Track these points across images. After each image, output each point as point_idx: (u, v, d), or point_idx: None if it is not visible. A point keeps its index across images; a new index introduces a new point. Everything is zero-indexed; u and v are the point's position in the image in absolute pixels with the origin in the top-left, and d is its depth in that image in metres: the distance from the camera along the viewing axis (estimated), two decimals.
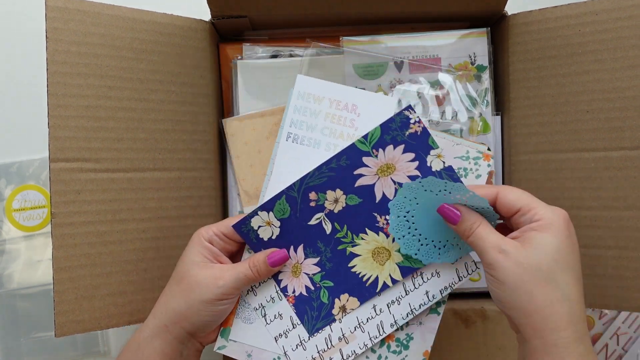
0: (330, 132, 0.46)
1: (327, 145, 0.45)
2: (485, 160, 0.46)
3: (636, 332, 0.65)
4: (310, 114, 0.46)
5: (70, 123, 0.45)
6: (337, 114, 0.46)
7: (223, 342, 0.45)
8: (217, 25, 0.54)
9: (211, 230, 0.43)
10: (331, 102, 0.46)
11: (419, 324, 0.44)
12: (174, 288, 0.43)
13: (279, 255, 0.43)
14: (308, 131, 0.46)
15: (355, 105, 0.46)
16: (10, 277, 0.64)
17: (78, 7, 0.45)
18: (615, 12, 0.47)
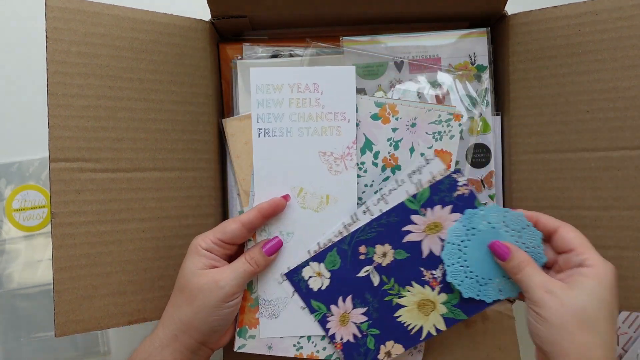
0: (299, 117, 0.46)
1: (299, 131, 0.46)
2: (456, 121, 0.48)
3: (636, 332, 0.65)
4: (274, 104, 0.46)
5: (70, 123, 0.45)
6: (300, 97, 0.46)
7: (242, 342, 0.46)
8: (217, 25, 0.54)
9: (208, 239, 0.43)
10: (291, 87, 0.46)
11: None
12: (179, 298, 0.43)
13: (273, 243, 0.44)
14: (277, 122, 0.46)
15: (316, 84, 0.46)
16: (10, 277, 0.64)
17: (78, 7, 0.45)
18: (615, 12, 0.47)
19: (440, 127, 0.47)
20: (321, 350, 0.47)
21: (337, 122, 0.46)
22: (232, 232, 0.43)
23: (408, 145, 0.47)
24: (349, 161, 0.46)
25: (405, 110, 0.47)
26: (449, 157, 0.47)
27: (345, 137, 0.46)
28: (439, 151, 0.47)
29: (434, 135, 0.47)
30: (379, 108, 0.47)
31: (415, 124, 0.47)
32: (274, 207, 0.44)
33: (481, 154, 0.55)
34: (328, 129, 0.46)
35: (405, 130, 0.47)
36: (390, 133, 0.47)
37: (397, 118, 0.47)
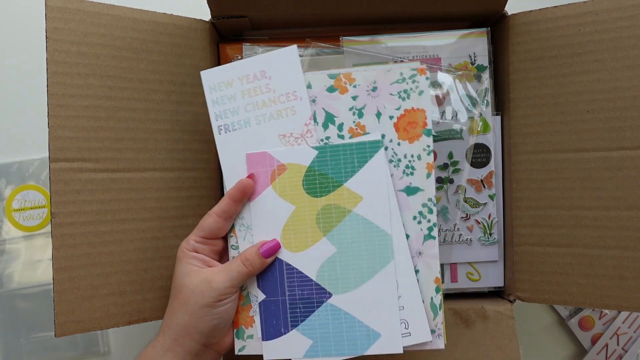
0: (253, 106, 0.46)
1: (257, 119, 0.46)
2: (422, 75, 0.45)
3: (636, 332, 0.65)
4: (228, 99, 0.46)
5: (70, 123, 0.45)
6: (251, 87, 0.46)
7: (241, 343, 0.45)
8: (217, 25, 0.54)
9: (191, 240, 0.44)
10: (240, 80, 0.46)
11: (418, 255, 0.45)
12: (173, 303, 0.43)
13: (271, 245, 0.44)
14: (234, 116, 0.46)
15: (263, 71, 0.46)
16: (10, 277, 0.64)
17: (78, 7, 0.45)
18: (615, 12, 0.47)
19: (405, 85, 0.45)
20: None
21: (290, 102, 0.46)
22: (210, 226, 0.44)
23: (373, 110, 0.45)
24: (310, 138, 0.45)
25: (362, 75, 0.46)
26: (423, 114, 0.45)
27: (300, 115, 0.46)
28: (410, 110, 0.45)
29: (399, 94, 0.45)
30: (333, 79, 0.46)
31: (376, 87, 0.45)
32: (241, 189, 0.44)
33: (481, 154, 0.55)
34: (283, 111, 0.46)
35: (367, 95, 0.46)
36: (351, 102, 0.46)
37: (355, 85, 0.46)
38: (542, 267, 0.51)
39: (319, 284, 0.45)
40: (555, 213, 0.51)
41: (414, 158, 0.45)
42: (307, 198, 0.45)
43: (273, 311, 0.45)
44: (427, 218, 0.45)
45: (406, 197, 0.45)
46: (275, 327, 0.45)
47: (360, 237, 0.44)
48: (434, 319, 0.44)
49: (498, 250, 0.56)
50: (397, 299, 0.44)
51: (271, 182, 0.45)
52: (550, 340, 0.67)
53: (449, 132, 0.55)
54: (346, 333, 0.44)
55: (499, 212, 0.56)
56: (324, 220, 0.45)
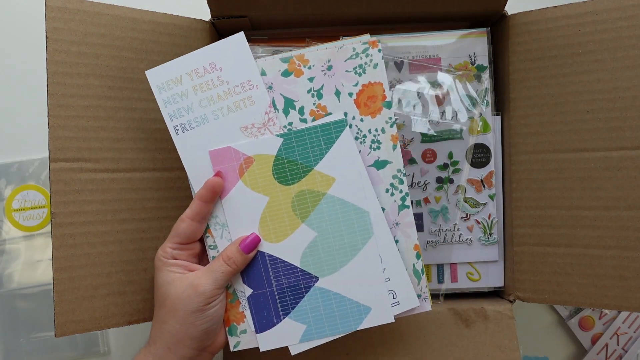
0: (208, 101, 0.44)
1: (214, 114, 0.44)
2: (374, 48, 0.45)
3: (636, 332, 0.65)
4: (180, 97, 0.44)
5: (70, 123, 0.45)
6: (202, 81, 0.44)
7: (235, 340, 0.45)
8: (217, 25, 0.54)
9: (167, 248, 0.43)
10: (190, 75, 0.44)
11: (396, 226, 0.45)
12: (160, 312, 0.42)
13: (250, 239, 0.44)
14: (189, 114, 0.44)
15: (213, 63, 0.44)
16: (10, 277, 0.64)
17: (78, 7, 0.45)
18: (615, 12, 0.47)
19: (359, 60, 0.45)
20: None
21: (246, 92, 0.44)
22: (184, 231, 0.43)
23: (332, 90, 0.45)
24: (272, 126, 0.45)
25: (314, 55, 0.45)
26: (380, 87, 0.45)
27: (259, 104, 0.44)
28: (367, 85, 0.45)
29: (355, 70, 0.45)
30: (286, 63, 0.45)
31: (332, 66, 0.45)
32: (210, 189, 0.43)
33: (481, 154, 0.55)
34: (240, 102, 0.44)
35: (323, 75, 0.45)
36: (308, 84, 0.45)
37: (310, 67, 0.45)
38: (542, 267, 0.51)
39: (304, 270, 0.45)
40: (555, 213, 0.51)
41: (378, 132, 0.45)
42: (279, 187, 0.45)
43: (262, 304, 0.45)
44: (398, 189, 0.45)
45: (376, 172, 0.45)
46: (267, 319, 0.45)
47: (338, 218, 0.45)
48: (418, 284, 0.45)
49: (498, 250, 0.56)
50: (382, 272, 0.44)
51: (240, 177, 0.45)
52: (550, 340, 0.67)
53: (449, 132, 0.55)
54: (338, 312, 0.45)
55: (499, 212, 0.56)
56: (299, 207, 0.45)
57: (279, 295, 0.45)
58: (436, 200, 0.55)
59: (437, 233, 0.56)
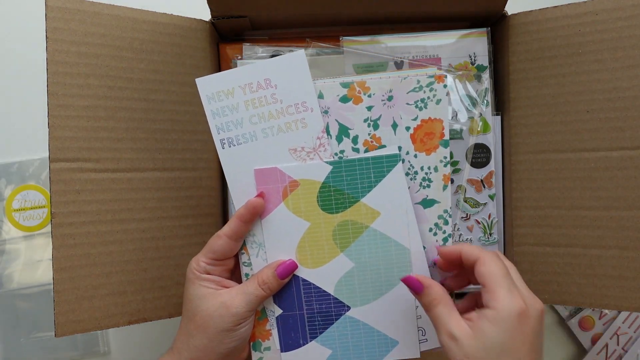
0: (259, 118, 0.43)
1: (263, 132, 0.43)
2: (440, 83, 0.43)
3: (636, 332, 0.65)
4: (230, 110, 0.43)
5: (70, 123, 0.45)
6: (255, 96, 0.43)
7: (258, 355, 0.45)
8: (217, 25, 0.54)
9: (202, 262, 0.42)
10: (243, 89, 0.43)
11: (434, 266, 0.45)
12: (190, 325, 0.42)
13: (286, 265, 0.43)
14: (237, 129, 0.43)
15: (268, 79, 0.43)
16: (10, 277, 0.64)
17: (78, 7, 0.45)
18: (615, 12, 0.47)
19: (422, 94, 0.43)
20: None
21: (300, 114, 0.43)
22: (221, 248, 0.42)
23: (389, 121, 0.43)
24: (323, 152, 0.43)
25: (376, 84, 0.43)
26: (440, 124, 0.44)
27: (312, 128, 0.43)
28: (427, 120, 0.44)
29: (416, 104, 0.43)
30: (346, 89, 0.43)
31: (392, 96, 0.43)
32: (251, 210, 0.42)
33: (481, 154, 0.55)
34: (292, 123, 0.43)
35: (382, 105, 0.43)
36: (365, 113, 0.43)
37: (370, 95, 0.43)
38: (542, 267, 0.51)
39: (337, 298, 0.45)
40: (555, 213, 0.51)
41: (430, 170, 0.44)
42: (322, 214, 0.44)
43: (291, 325, 0.45)
44: (442, 229, 0.44)
45: (422, 210, 0.44)
46: (294, 339, 0.45)
47: (378, 252, 0.44)
48: None
49: (498, 250, 0.56)
50: (415, 309, 0.44)
51: (283, 199, 0.43)
52: (550, 340, 0.67)
53: (449, 132, 0.54)
54: (365, 342, 0.44)
55: (499, 212, 0.56)
56: (340, 237, 0.44)
57: (308, 319, 0.45)
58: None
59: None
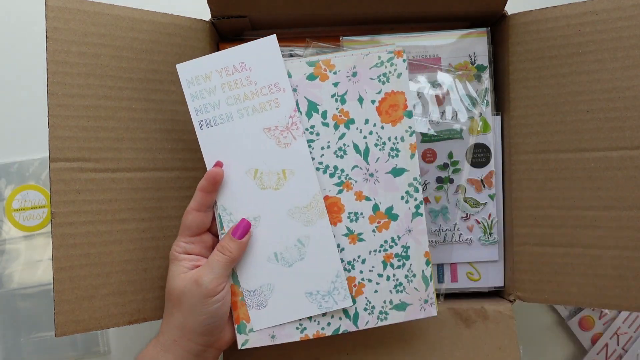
0: (235, 99, 0.45)
1: (239, 113, 0.45)
2: (399, 57, 0.45)
3: (636, 332, 0.65)
4: (207, 93, 0.45)
5: (70, 123, 0.45)
6: (230, 79, 0.45)
7: (244, 337, 0.45)
8: (217, 25, 0.54)
9: (180, 242, 0.44)
10: (219, 73, 0.45)
11: (408, 232, 0.46)
12: (168, 306, 0.43)
13: (241, 226, 0.44)
14: (215, 110, 0.45)
15: (243, 62, 0.45)
16: (10, 277, 0.64)
17: (78, 7, 0.45)
18: (615, 12, 0.47)
19: (384, 69, 0.46)
20: (326, 327, 0.46)
21: (273, 94, 0.45)
22: (192, 222, 0.44)
23: (355, 96, 0.46)
24: (295, 130, 0.45)
25: (341, 61, 0.46)
26: (403, 96, 0.46)
27: (284, 107, 0.45)
28: (390, 93, 0.46)
29: (379, 78, 0.46)
30: (312, 67, 0.45)
31: (356, 72, 0.46)
32: (210, 180, 0.43)
33: (481, 153, 0.55)
34: (266, 104, 0.45)
35: (348, 81, 0.46)
36: (332, 89, 0.46)
37: (335, 72, 0.46)
38: (542, 267, 0.51)
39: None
40: (555, 213, 0.51)
41: (397, 140, 0.46)
42: None
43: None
44: (413, 197, 0.46)
45: (393, 179, 0.46)
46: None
47: None
48: (426, 290, 0.46)
49: (498, 250, 0.56)
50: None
51: None
52: (550, 340, 0.67)
53: (449, 132, 0.55)
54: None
55: (499, 212, 0.56)
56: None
57: None
58: (436, 200, 0.55)
59: (437, 233, 0.56)
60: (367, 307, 0.46)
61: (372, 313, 0.46)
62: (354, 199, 0.46)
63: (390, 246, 0.46)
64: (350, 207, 0.46)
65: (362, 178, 0.46)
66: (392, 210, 0.46)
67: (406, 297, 0.46)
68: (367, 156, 0.46)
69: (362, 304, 0.46)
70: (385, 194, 0.46)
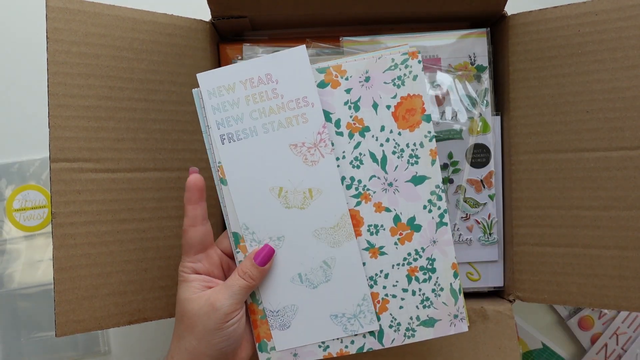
0: (260, 113, 0.42)
1: (264, 127, 0.42)
2: (414, 59, 0.43)
3: (635, 332, 0.65)
4: (230, 106, 0.42)
5: (70, 123, 0.45)
6: (256, 92, 0.42)
7: (266, 356, 0.44)
8: (217, 26, 0.54)
9: (186, 262, 0.42)
10: (244, 84, 0.42)
11: (433, 244, 0.44)
12: (180, 327, 0.41)
13: (264, 252, 0.42)
14: (238, 124, 0.42)
15: (269, 74, 0.42)
16: (10, 277, 0.64)
17: (78, 8, 0.45)
18: (615, 12, 0.48)
19: (398, 71, 0.43)
20: (350, 345, 0.44)
21: (300, 109, 0.42)
22: (191, 240, 0.42)
23: (369, 102, 0.43)
24: (324, 148, 0.42)
25: (352, 66, 0.43)
26: (420, 100, 0.43)
27: (312, 123, 0.42)
28: (406, 97, 0.43)
29: (393, 82, 0.43)
30: (323, 74, 0.43)
31: (369, 77, 0.43)
32: (192, 188, 0.41)
33: (481, 154, 0.55)
34: (293, 119, 0.42)
35: (361, 87, 0.43)
36: (344, 96, 0.43)
37: (347, 78, 0.43)
38: (542, 267, 0.52)
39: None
40: (555, 213, 0.51)
41: (416, 146, 0.43)
42: None
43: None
44: (437, 205, 0.44)
45: (414, 187, 0.44)
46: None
47: None
48: (455, 304, 0.44)
49: (498, 250, 0.56)
50: None
51: None
52: (550, 340, 0.67)
53: (448, 132, 0.55)
54: None
55: (499, 212, 0.56)
56: None
57: None
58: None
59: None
60: (393, 324, 0.44)
61: (398, 330, 0.44)
62: (373, 211, 0.44)
63: (415, 259, 0.44)
64: (369, 220, 0.44)
65: (380, 188, 0.43)
66: (415, 221, 0.44)
67: (434, 313, 0.44)
68: (384, 165, 0.43)
69: (386, 321, 0.44)
70: (406, 204, 0.44)
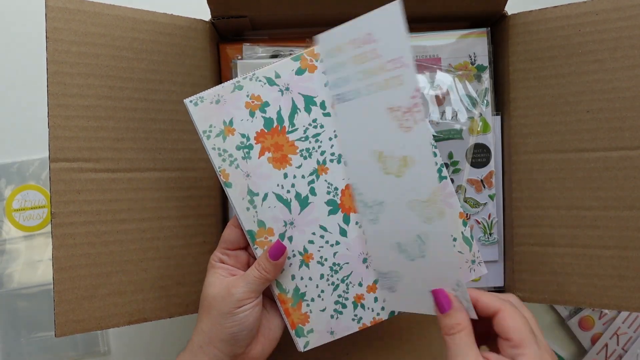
0: (363, 74, 0.41)
1: (367, 89, 0.41)
2: None
3: (636, 332, 0.65)
4: (339, 67, 0.42)
5: (70, 123, 0.45)
6: (360, 52, 0.41)
7: (304, 340, 0.45)
8: (217, 25, 0.54)
9: (218, 251, 0.45)
10: (352, 44, 0.41)
11: None
12: (200, 312, 0.44)
13: (275, 247, 0.44)
14: (346, 85, 0.42)
15: (370, 33, 0.40)
16: (10, 277, 0.64)
17: (78, 7, 0.45)
18: (615, 12, 0.47)
19: None
20: (381, 312, 0.45)
21: (397, 69, 0.40)
22: (227, 236, 0.45)
23: None
24: (418, 113, 0.39)
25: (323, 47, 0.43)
26: None
27: (407, 86, 0.39)
28: None
29: None
30: (298, 61, 0.44)
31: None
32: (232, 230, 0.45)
33: (481, 154, 0.55)
34: (390, 80, 0.40)
35: None
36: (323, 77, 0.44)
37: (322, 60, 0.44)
38: (542, 267, 0.52)
39: None
40: (555, 213, 0.51)
41: None
42: None
43: None
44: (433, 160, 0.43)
45: None
46: None
47: None
48: (470, 250, 0.45)
49: (498, 250, 0.56)
50: None
51: None
52: (550, 340, 0.67)
53: (449, 132, 0.55)
54: None
55: (499, 212, 0.56)
56: None
57: None
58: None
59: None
60: None
61: None
62: None
63: None
64: None
65: None
66: None
67: None
68: None
69: None
70: None
